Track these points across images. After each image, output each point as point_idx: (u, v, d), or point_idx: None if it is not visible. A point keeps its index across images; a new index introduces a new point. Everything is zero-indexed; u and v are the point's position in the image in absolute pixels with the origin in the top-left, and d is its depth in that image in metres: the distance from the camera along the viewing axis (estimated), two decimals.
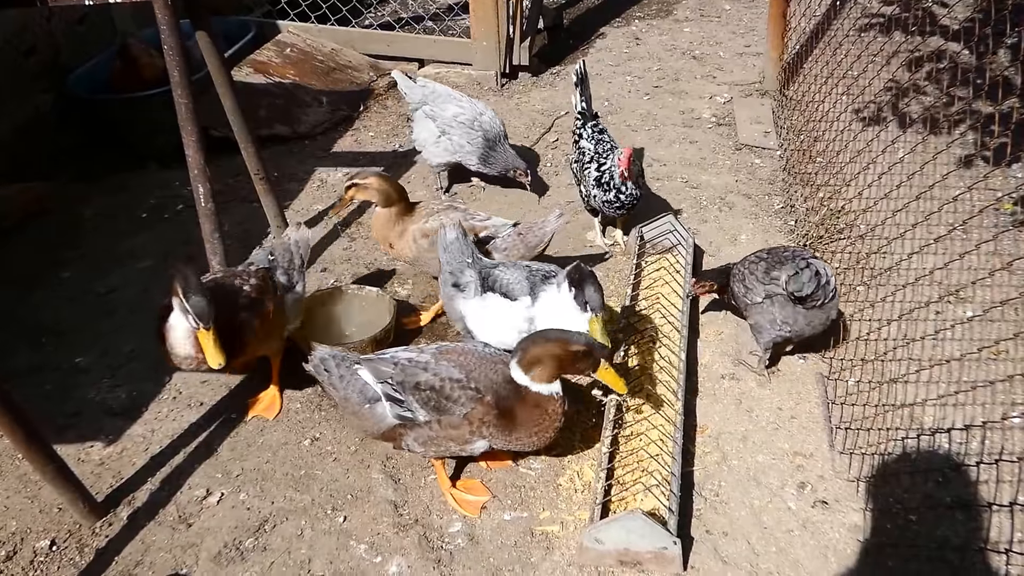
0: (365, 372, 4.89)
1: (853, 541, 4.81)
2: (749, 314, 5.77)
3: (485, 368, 4.82)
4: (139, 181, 8.53)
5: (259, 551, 4.88)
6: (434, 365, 4.80)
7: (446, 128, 7.79)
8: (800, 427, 5.55)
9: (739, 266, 5.86)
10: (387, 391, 4.80)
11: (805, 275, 5.41)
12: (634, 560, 4.65)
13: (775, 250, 5.79)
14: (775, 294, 5.54)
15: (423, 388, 4.73)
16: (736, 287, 5.80)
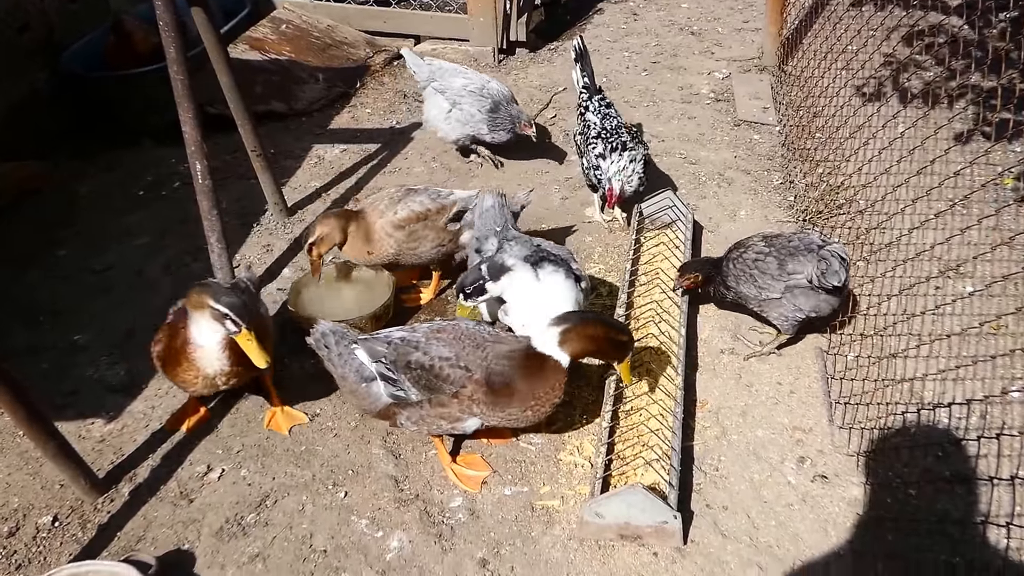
0: (361, 351, 4.94)
1: (853, 515, 4.86)
2: (764, 308, 5.73)
3: (476, 346, 4.84)
4: (134, 159, 8.57)
5: (261, 526, 4.93)
6: (424, 344, 4.82)
7: (456, 99, 7.82)
8: (800, 402, 5.60)
9: (737, 263, 5.78)
10: (381, 370, 4.85)
11: (835, 264, 5.43)
12: (634, 534, 4.70)
13: (776, 240, 5.72)
14: (796, 286, 5.54)
15: (414, 367, 4.76)
16: (744, 288, 5.72)
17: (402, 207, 6.14)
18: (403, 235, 6.14)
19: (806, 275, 5.46)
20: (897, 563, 4.55)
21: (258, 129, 7.13)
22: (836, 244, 5.55)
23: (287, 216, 7.63)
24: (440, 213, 6.20)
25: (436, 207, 6.19)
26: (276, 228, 7.51)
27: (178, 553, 4.82)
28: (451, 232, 6.27)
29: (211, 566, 4.74)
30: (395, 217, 6.12)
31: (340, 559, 4.75)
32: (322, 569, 4.70)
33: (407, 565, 4.70)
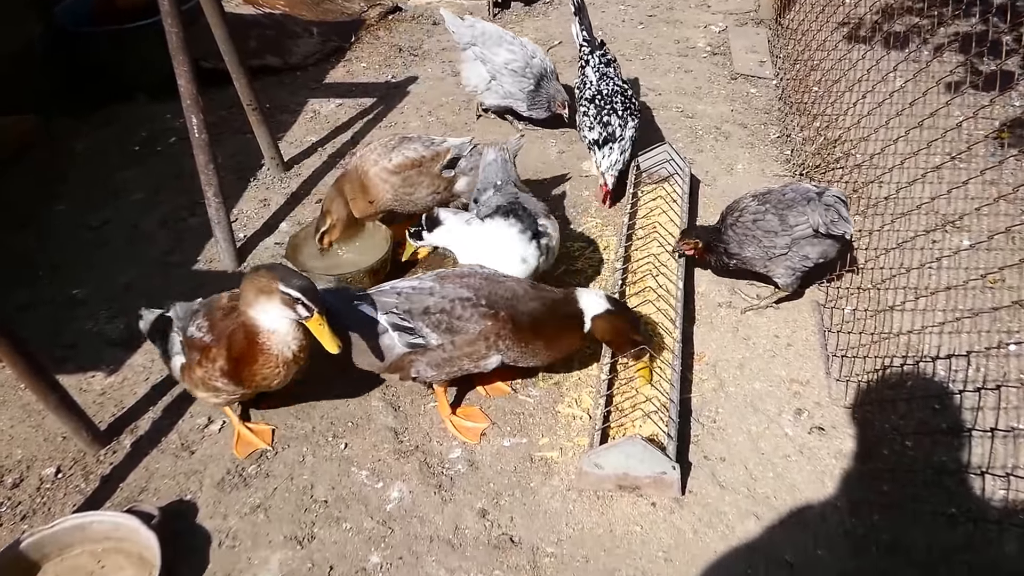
0: (367, 306, 4.96)
1: (849, 466, 4.92)
2: (770, 267, 5.75)
3: (492, 286, 4.93)
4: (129, 114, 8.59)
5: (262, 477, 5.00)
6: (440, 289, 4.89)
7: (496, 74, 7.79)
8: (797, 354, 5.66)
9: (737, 228, 5.77)
10: (393, 321, 4.87)
11: (842, 208, 5.49)
12: (633, 484, 4.77)
13: (768, 196, 5.74)
14: (802, 237, 5.58)
15: (433, 312, 4.82)
16: (749, 251, 5.72)
17: (396, 154, 6.20)
18: (398, 180, 6.20)
19: (812, 224, 5.49)
20: (893, 514, 4.61)
21: (253, 84, 7.16)
22: (834, 189, 5.60)
23: (283, 171, 7.67)
24: (434, 160, 6.25)
25: (430, 154, 6.24)
26: (273, 183, 7.55)
27: (180, 504, 4.89)
28: (446, 179, 6.33)
29: (213, 516, 4.81)
30: (390, 164, 6.17)
31: (341, 509, 4.82)
32: (323, 519, 4.77)
33: (407, 515, 4.77)
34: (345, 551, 4.62)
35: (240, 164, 7.77)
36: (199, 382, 4.77)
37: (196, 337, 4.69)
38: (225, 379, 4.68)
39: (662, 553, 4.53)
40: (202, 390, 4.83)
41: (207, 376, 4.69)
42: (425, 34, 10.07)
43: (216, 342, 4.64)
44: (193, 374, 4.75)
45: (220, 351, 4.62)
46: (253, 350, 4.58)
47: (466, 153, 6.37)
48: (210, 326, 4.68)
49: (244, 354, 4.60)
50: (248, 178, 7.56)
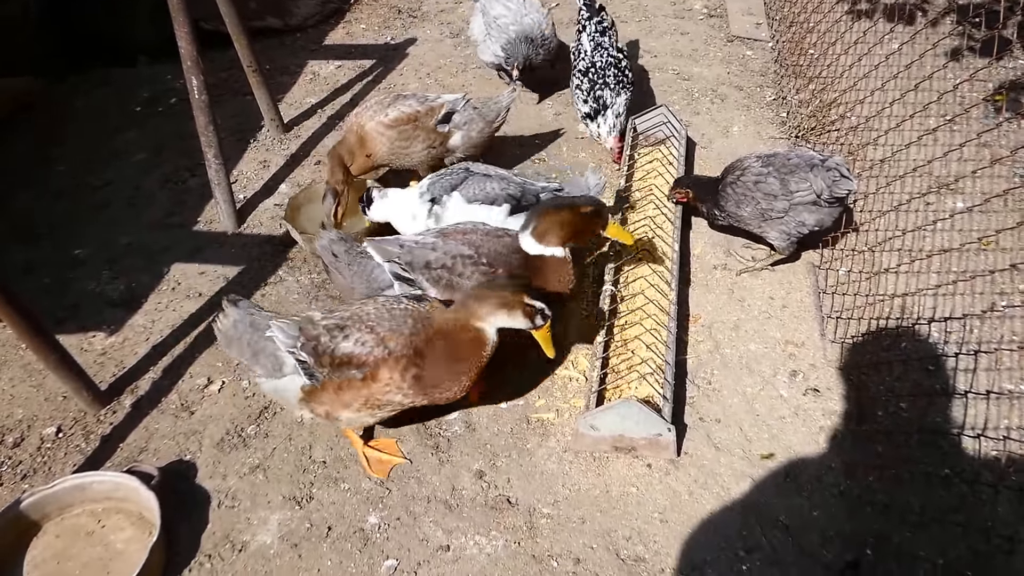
0: (373, 249, 4.94)
1: (844, 428, 4.90)
2: (765, 228, 5.71)
3: (492, 242, 4.89)
4: (130, 75, 8.53)
5: (261, 437, 4.99)
6: (442, 244, 4.86)
7: (488, 28, 7.74)
8: (792, 316, 5.62)
9: (737, 187, 5.71)
10: (395, 270, 4.85)
11: (845, 171, 5.44)
12: (629, 446, 4.75)
13: (773, 159, 5.66)
14: (801, 203, 5.53)
15: (434, 267, 4.79)
16: (746, 210, 5.67)
17: (392, 109, 6.20)
18: (395, 134, 6.19)
19: (816, 189, 5.44)
20: (888, 474, 4.59)
21: (253, 45, 7.08)
22: (837, 157, 5.55)
23: (283, 132, 7.60)
24: (429, 114, 6.25)
25: (425, 109, 6.24)
26: (272, 144, 7.49)
27: (180, 464, 4.87)
28: (441, 133, 6.32)
29: (212, 476, 4.79)
30: (386, 118, 6.16)
31: (339, 470, 4.80)
32: (321, 479, 4.75)
33: (405, 476, 4.74)
34: (343, 511, 4.59)
35: (240, 125, 7.71)
36: (358, 400, 4.42)
37: (361, 353, 4.33)
38: (413, 390, 4.42)
39: (658, 514, 4.51)
40: (352, 410, 4.46)
41: (380, 391, 4.38)
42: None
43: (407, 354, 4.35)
44: (344, 393, 4.40)
45: (412, 362, 4.36)
46: (477, 359, 4.47)
47: (460, 108, 6.38)
48: (382, 339, 4.35)
49: (467, 364, 4.45)
50: (248, 139, 7.51)
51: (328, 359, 4.34)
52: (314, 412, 4.52)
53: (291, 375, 4.46)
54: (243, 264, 6.16)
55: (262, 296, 5.89)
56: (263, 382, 4.57)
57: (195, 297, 5.95)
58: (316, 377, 4.39)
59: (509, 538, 4.44)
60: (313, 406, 4.48)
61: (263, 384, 4.59)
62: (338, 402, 4.41)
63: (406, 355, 4.31)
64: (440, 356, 4.38)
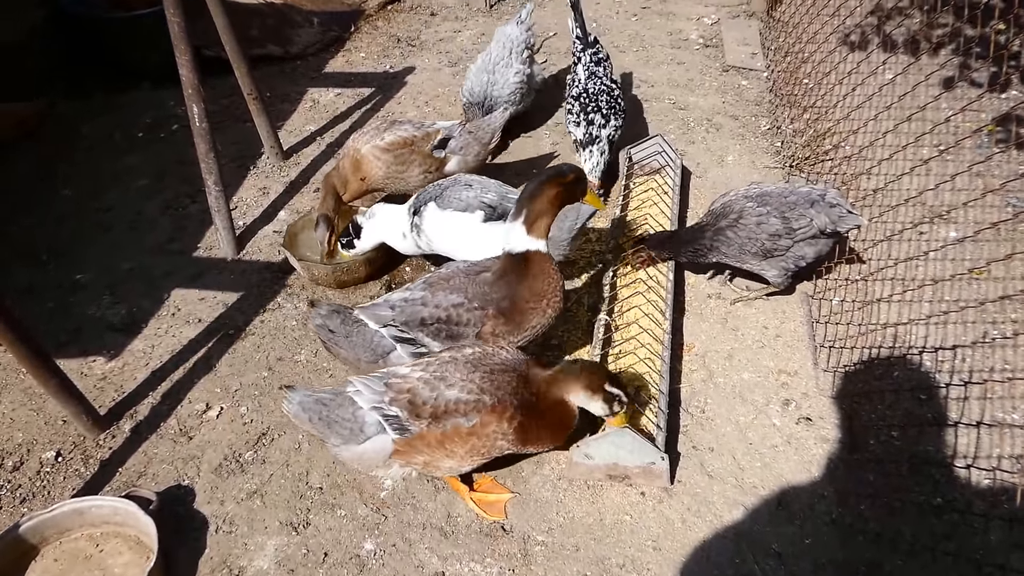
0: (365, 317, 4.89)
1: (836, 456, 4.89)
2: (765, 266, 5.66)
3: (475, 282, 4.83)
4: (133, 101, 8.54)
5: (258, 463, 4.98)
6: (431, 298, 4.79)
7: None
8: (785, 345, 5.61)
9: (738, 231, 5.56)
10: (392, 333, 4.81)
11: (845, 209, 5.47)
12: (623, 474, 4.74)
13: (769, 198, 5.59)
14: (803, 239, 5.51)
15: (430, 322, 4.75)
16: (747, 252, 5.58)
17: (388, 133, 6.23)
18: (391, 158, 6.21)
19: (819, 225, 5.43)
20: (880, 503, 4.58)
21: (254, 72, 7.10)
22: (832, 191, 5.56)
23: (283, 159, 7.61)
24: (425, 140, 6.28)
25: (421, 134, 6.28)
26: (272, 171, 7.49)
27: (178, 489, 4.86)
28: (437, 159, 6.34)
29: (210, 502, 4.78)
30: (382, 142, 6.19)
31: (335, 496, 4.79)
32: (318, 506, 4.74)
33: (400, 503, 4.74)
34: (340, 537, 4.58)
35: (240, 152, 7.71)
36: (464, 447, 4.35)
37: (469, 400, 4.27)
38: (515, 439, 4.39)
39: (651, 542, 4.50)
40: (456, 458, 4.40)
41: (487, 438, 4.33)
42: (423, 24, 10.00)
43: (514, 403, 4.33)
44: (449, 442, 4.33)
45: (518, 411, 4.33)
46: (566, 426, 4.55)
47: (456, 134, 6.40)
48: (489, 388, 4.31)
49: (559, 429, 4.54)
50: (248, 166, 7.52)
51: (430, 409, 4.28)
52: (410, 464, 4.46)
53: (376, 435, 4.39)
54: (242, 290, 6.16)
55: (261, 322, 5.89)
56: (341, 450, 4.47)
57: (195, 323, 5.94)
58: (409, 431, 4.33)
59: (504, 565, 4.43)
60: (410, 458, 4.42)
61: (342, 453, 4.48)
62: (441, 451, 4.35)
63: (513, 404, 4.31)
64: (540, 413, 4.42)
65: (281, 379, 5.46)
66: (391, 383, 4.37)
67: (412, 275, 6.25)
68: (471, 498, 4.73)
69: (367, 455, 4.42)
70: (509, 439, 4.35)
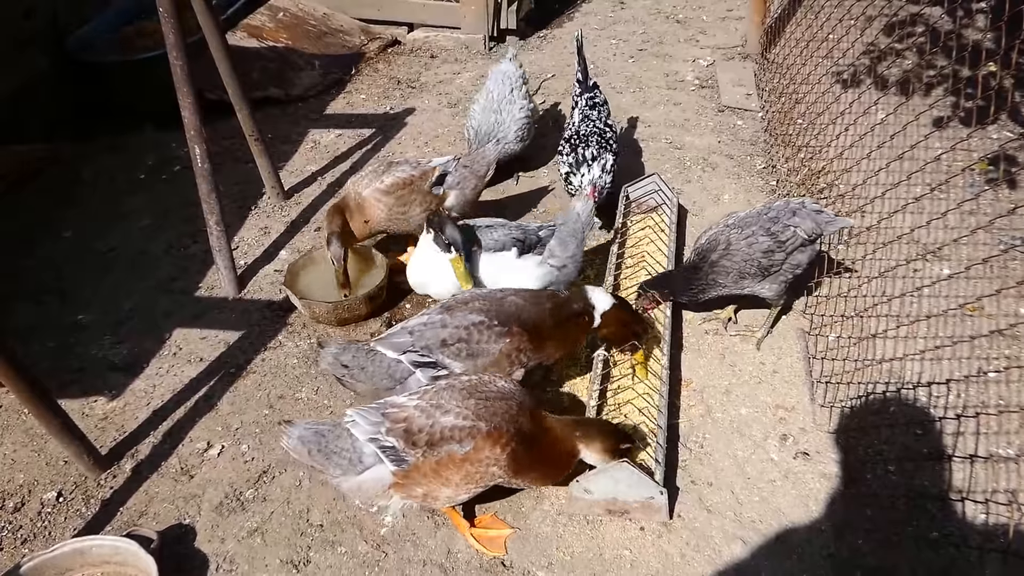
0: (384, 349, 4.84)
1: (833, 491, 4.86)
2: (764, 285, 5.62)
3: (497, 305, 4.91)
4: (136, 143, 8.53)
5: (259, 501, 4.93)
6: (451, 319, 4.83)
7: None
8: (782, 381, 5.59)
9: (733, 259, 5.52)
10: (414, 359, 4.78)
11: (827, 211, 5.56)
12: (622, 509, 4.70)
13: (747, 219, 5.62)
14: (794, 248, 5.51)
15: (451, 343, 4.77)
16: (746, 276, 5.55)
17: (387, 176, 6.24)
18: (392, 200, 6.21)
19: (807, 230, 5.48)
20: (877, 538, 4.56)
21: (255, 114, 7.10)
22: (806, 199, 5.71)
23: (284, 199, 7.59)
24: (423, 178, 6.30)
25: (419, 173, 6.30)
26: (273, 211, 7.47)
27: (179, 528, 4.82)
28: (436, 196, 6.36)
29: (211, 540, 4.74)
30: (382, 184, 6.20)
31: (336, 533, 4.74)
32: (319, 543, 4.70)
33: (400, 539, 4.69)
34: (340, 575, 4.53)
35: (242, 193, 7.70)
36: (458, 474, 4.29)
37: (465, 426, 4.24)
38: (509, 466, 4.32)
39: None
40: (452, 486, 4.33)
41: (481, 464, 4.27)
42: (422, 67, 10.01)
43: (510, 430, 4.28)
44: (444, 469, 4.27)
45: (512, 438, 4.28)
46: (563, 469, 4.58)
47: (452, 169, 6.44)
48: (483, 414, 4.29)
49: (555, 469, 4.56)
50: (249, 206, 7.50)
51: (425, 437, 4.23)
52: (409, 496, 4.39)
53: (374, 466, 4.33)
54: (243, 329, 6.13)
55: (262, 360, 5.86)
56: (341, 481, 4.40)
57: (196, 362, 5.90)
58: (407, 461, 4.27)
59: None
60: (409, 490, 4.35)
61: (342, 484, 4.41)
62: (437, 480, 4.29)
63: (509, 432, 4.27)
64: (540, 449, 4.42)
65: (282, 417, 5.42)
66: (388, 413, 4.33)
67: (412, 312, 6.22)
68: (471, 534, 4.68)
69: (366, 485, 4.36)
70: (502, 466, 4.29)
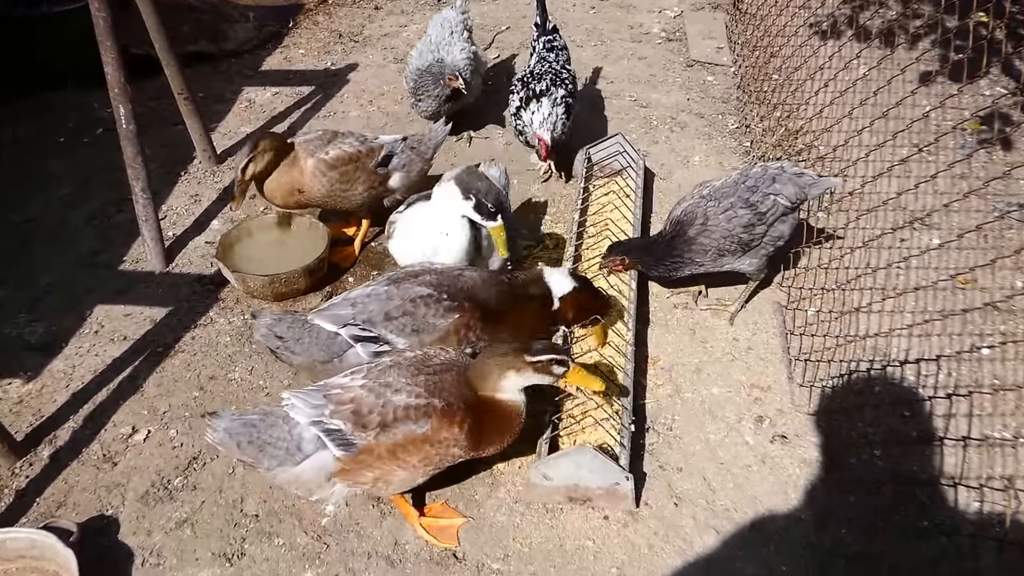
0: (322, 322, 4.78)
1: (814, 477, 4.85)
2: (743, 260, 5.56)
3: (452, 279, 4.84)
4: (56, 102, 8.42)
5: (189, 490, 4.88)
6: (397, 291, 4.75)
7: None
8: (757, 358, 5.57)
9: (711, 235, 5.43)
10: (354, 332, 4.71)
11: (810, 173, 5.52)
12: (584, 496, 4.67)
13: (724, 190, 5.52)
14: (774, 220, 5.46)
15: (394, 316, 4.68)
16: (725, 253, 5.49)
17: (333, 148, 6.15)
18: (336, 175, 6.14)
19: (790, 197, 5.43)
20: (862, 527, 4.54)
21: (185, 71, 7.03)
22: (785, 162, 5.64)
23: (216, 164, 7.53)
24: (369, 156, 6.24)
25: (366, 149, 6.23)
26: (204, 177, 7.40)
27: (101, 519, 4.75)
28: (380, 176, 6.30)
29: (136, 532, 4.68)
30: (327, 156, 6.12)
31: (272, 524, 4.70)
32: (254, 534, 4.65)
33: (343, 530, 4.65)
34: (277, 568, 4.50)
35: (171, 157, 7.63)
36: (416, 456, 4.22)
37: (420, 404, 4.18)
38: (468, 443, 4.29)
39: (615, 569, 4.44)
40: (408, 468, 4.26)
41: (441, 444, 4.22)
42: (366, 19, 9.95)
43: (461, 406, 4.24)
44: (401, 452, 4.21)
45: (467, 414, 4.24)
46: (512, 427, 4.40)
47: (398, 150, 6.38)
48: (436, 390, 4.24)
49: (504, 422, 4.38)
50: (179, 172, 7.42)
51: (377, 418, 4.15)
52: (357, 483, 4.29)
53: (316, 453, 4.23)
54: (172, 305, 6.07)
55: (192, 339, 5.79)
56: (277, 473, 4.29)
57: (119, 341, 5.83)
58: (355, 445, 4.18)
59: None
60: (357, 476, 4.26)
61: (278, 476, 4.30)
62: (393, 463, 4.21)
63: (461, 407, 4.22)
64: (483, 412, 4.32)
65: (214, 399, 5.37)
66: (331, 394, 4.25)
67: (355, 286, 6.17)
68: (420, 524, 4.64)
69: (306, 475, 4.27)
70: (462, 445, 4.26)
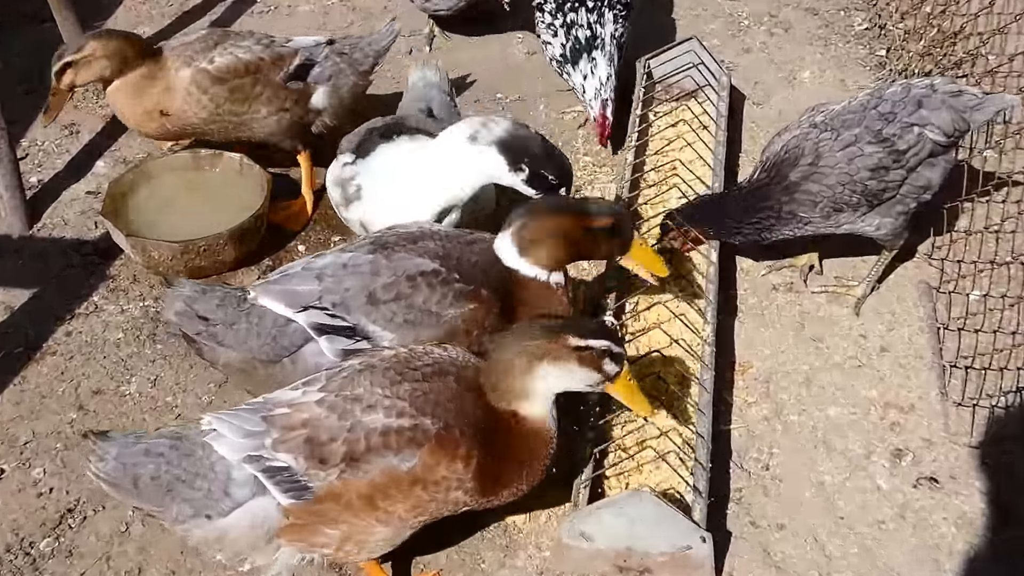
0: (269, 298, 4.62)
1: (980, 538, 4.83)
2: (868, 221, 5.53)
3: (462, 249, 4.68)
4: None
5: (61, 557, 4.86)
6: (387, 263, 4.56)
7: None
8: (895, 365, 5.58)
9: (819, 180, 5.42)
10: (318, 320, 4.54)
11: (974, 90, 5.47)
12: (640, 566, 4.67)
13: (849, 117, 5.50)
14: (918, 164, 5.42)
15: (382, 299, 4.51)
16: (844, 208, 5.46)
17: (221, 53, 6.10)
18: (223, 92, 6.08)
19: (941, 128, 5.35)
20: None
21: None
22: (938, 78, 5.56)
23: None
24: (276, 65, 6.19)
25: (269, 56, 6.18)
26: (84, 97, 7.46)
27: None
28: (294, 92, 6.26)
29: None
30: (211, 67, 6.05)
31: None
32: None
33: None
34: None
35: (35, 69, 7.62)
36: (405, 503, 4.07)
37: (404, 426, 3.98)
38: (477, 484, 4.12)
39: None
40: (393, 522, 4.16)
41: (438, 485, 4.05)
42: None
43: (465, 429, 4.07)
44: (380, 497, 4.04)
45: (475, 441, 4.07)
46: (537, 448, 4.25)
47: (320, 58, 6.36)
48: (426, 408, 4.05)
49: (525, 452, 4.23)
50: (46, 92, 7.43)
51: (342, 448, 3.99)
52: (312, 545, 4.19)
53: (252, 500, 4.10)
54: (37, 285, 6.11)
55: (67, 335, 5.81)
56: (191, 528, 4.15)
57: None
58: (309, 489, 4.04)
59: None
60: (312, 534, 4.14)
61: (193, 532, 4.17)
62: (370, 513, 4.07)
63: (466, 431, 4.05)
64: (501, 439, 4.16)
65: (99, 423, 5.38)
66: (274, 416, 4.07)
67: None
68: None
69: (236, 532, 4.15)
70: (467, 488, 4.10)
